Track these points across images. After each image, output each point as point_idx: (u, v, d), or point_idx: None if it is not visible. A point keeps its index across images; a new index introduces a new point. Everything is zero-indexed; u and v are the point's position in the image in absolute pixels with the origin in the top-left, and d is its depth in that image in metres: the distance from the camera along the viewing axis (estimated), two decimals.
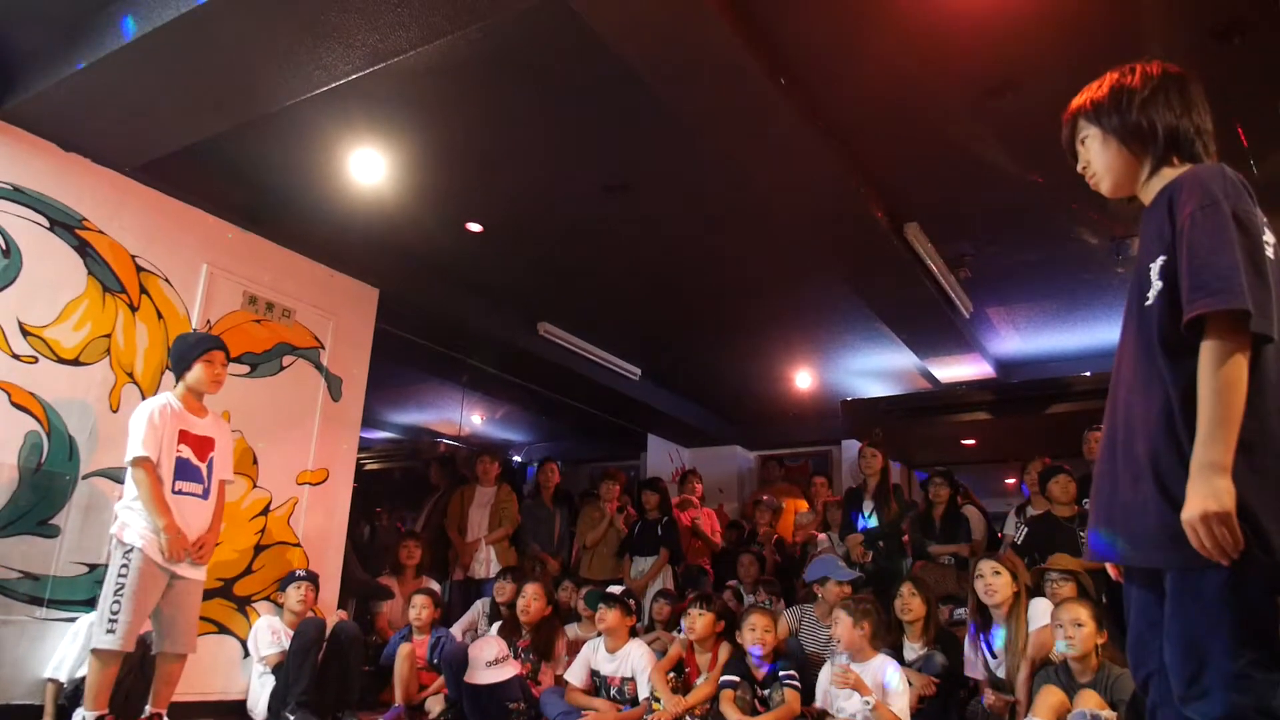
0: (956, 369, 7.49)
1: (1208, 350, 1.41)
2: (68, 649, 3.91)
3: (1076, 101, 1.76)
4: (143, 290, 4.59)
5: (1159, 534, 1.44)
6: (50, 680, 3.89)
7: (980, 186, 4.82)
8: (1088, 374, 7.07)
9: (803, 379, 8.28)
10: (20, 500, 4.00)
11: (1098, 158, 1.72)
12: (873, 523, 5.77)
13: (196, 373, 3.75)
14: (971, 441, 9.00)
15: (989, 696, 3.77)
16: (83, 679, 3.52)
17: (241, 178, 4.99)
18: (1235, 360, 1.39)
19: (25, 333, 4.13)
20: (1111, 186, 1.72)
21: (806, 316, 6.95)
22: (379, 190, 5.02)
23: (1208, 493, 1.36)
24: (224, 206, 4.99)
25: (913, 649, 4.17)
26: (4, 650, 3.87)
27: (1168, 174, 1.61)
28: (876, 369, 8.05)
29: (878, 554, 5.60)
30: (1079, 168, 1.78)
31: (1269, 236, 1.49)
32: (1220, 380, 1.39)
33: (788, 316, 6.97)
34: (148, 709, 3.54)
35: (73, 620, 4.00)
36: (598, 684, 4.36)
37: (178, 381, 3.82)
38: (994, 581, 3.89)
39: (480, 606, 5.62)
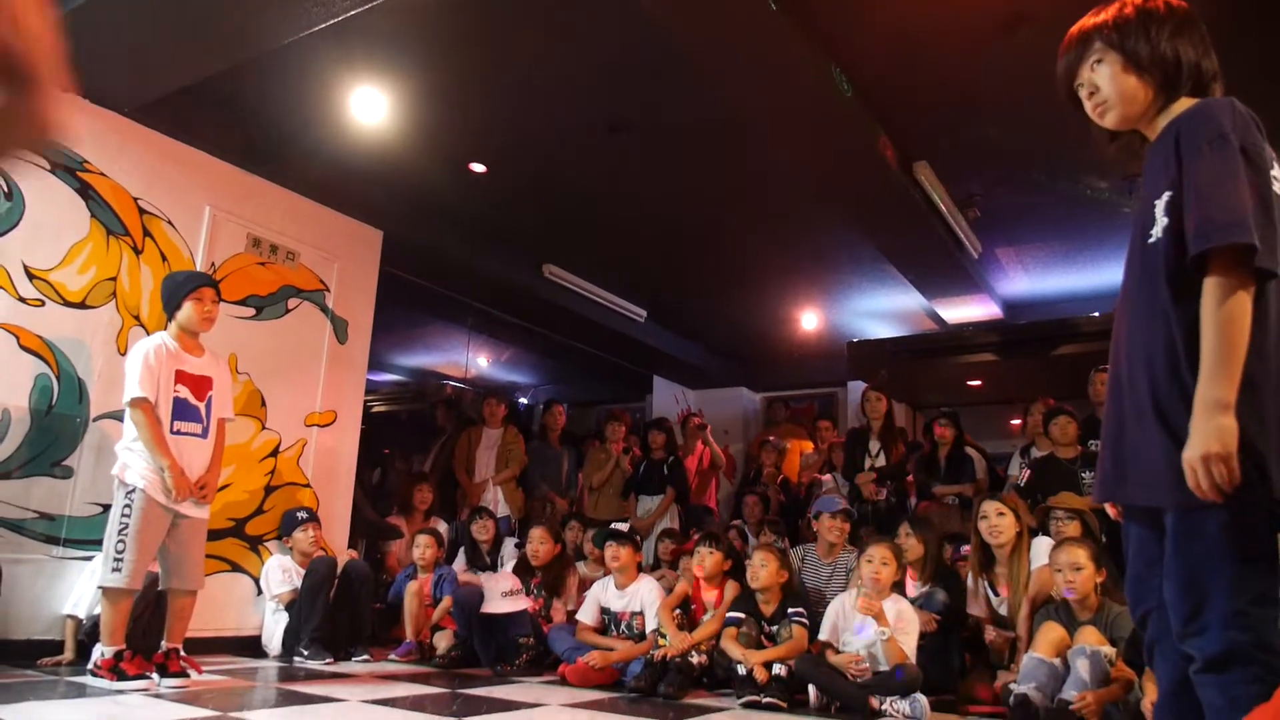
0: (964, 310, 7.46)
1: (1212, 286, 1.39)
2: (85, 586, 3.99)
3: (1091, 21, 1.65)
4: (146, 233, 4.57)
5: (1162, 472, 1.45)
6: (69, 616, 3.99)
7: (991, 125, 4.75)
8: (1096, 314, 7.04)
9: (809, 320, 8.27)
10: (34, 442, 4.05)
11: (1111, 84, 1.61)
12: (880, 463, 5.81)
13: (186, 311, 3.71)
14: (977, 383, 9.01)
15: (990, 633, 3.84)
16: (100, 615, 3.60)
17: (242, 118, 4.93)
18: (1239, 297, 1.38)
19: (31, 276, 4.13)
20: (1120, 118, 1.63)
21: (813, 257, 6.91)
22: (381, 130, 4.96)
23: (1210, 431, 1.35)
24: (225, 148, 4.94)
25: (915, 586, 4.23)
26: (23, 587, 3.95)
27: (1175, 110, 1.57)
28: (883, 310, 8.03)
29: (890, 492, 5.65)
30: (1084, 94, 1.66)
31: (1276, 170, 1.46)
32: (1224, 316, 1.38)
33: (794, 258, 6.93)
34: (164, 644, 3.62)
35: (89, 559, 4.08)
36: (608, 620, 4.46)
37: (169, 321, 3.78)
38: (998, 522, 3.93)
39: (509, 545, 5.73)
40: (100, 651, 3.48)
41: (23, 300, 4.09)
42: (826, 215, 5.99)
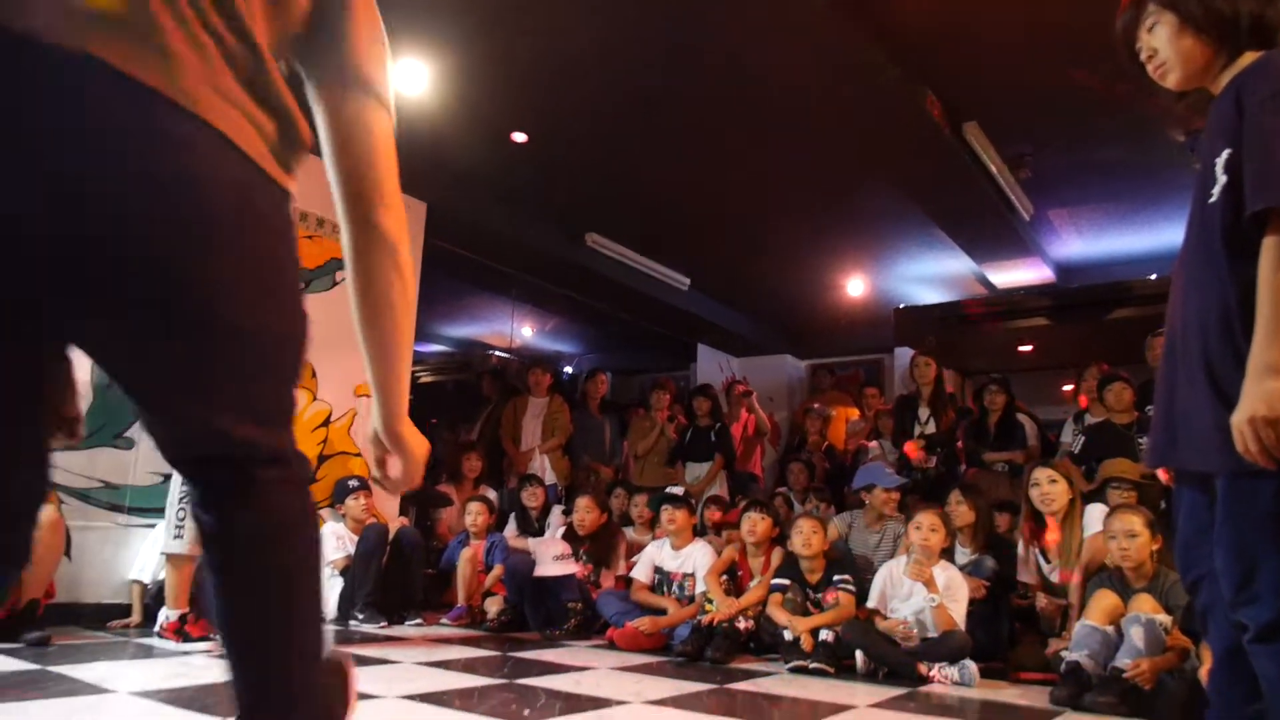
0: (1015, 274, 7.33)
1: (1270, 246, 1.35)
2: (149, 552, 4.14)
3: None
4: None
5: (1212, 437, 1.42)
6: (135, 581, 4.15)
7: (1043, 83, 4.61)
8: (1152, 277, 6.86)
9: (855, 286, 8.17)
10: (97, 415, 4.18)
11: (1169, 46, 1.57)
12: (930, 430, 5.74)
13: None
14: (1028, 348, 8.86)
15: (1041, 600, 3.80)
16: (164, 580, 3.73)
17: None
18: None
19: None
20: (1181, 78, 1.58)
21: (860, 222, 6.81)
22: (423, 102, 4.97)
23: (1260, 396, 1.32)
24: None
25: (964, 553, 4.20)
26: (91, 554, 4.12)
27: (1241, 64, 1.51)
28: (931, 275, 7.90)
29: (939, 459, 5.59)
30: (1143, 57, 1.63)
31: None
32: (1272, 276, 1.33)
33: (840, 223, 6.84)
34: None
35: (151, 526, 4.22)
36: (660, 580, 4.53)
37: None
38: (1050, 490, 3.87)
39: (557, 512, 5.80)
40: (165, 615, 3.61)
41: None
42: (873, 179, 5.89)
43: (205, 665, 3.10)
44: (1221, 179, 1.43)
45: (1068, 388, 8.63)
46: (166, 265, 0.93)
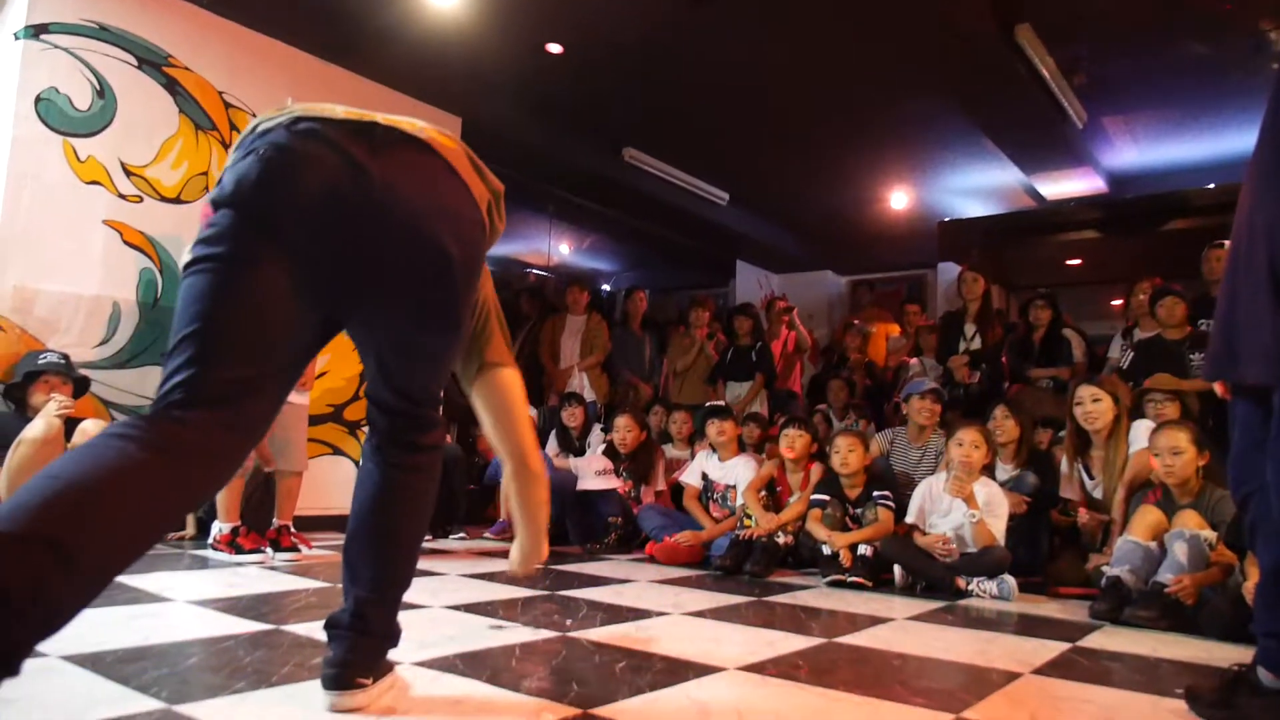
0: (1065, 185, 7.09)
1: None
2: None
3: None
4: (232, 126, 4.64)
5: (1271, 349, 1.36)
6: None
7: None
8: (1210, 187, 6.59)
9: (898, 199, 7.98)
10: (143, 334, 4.26)
11: None
12: (975, 346, 5.65)
13: None
14: (1077, 262, 8.65)
15: (1083, 515, 3.78)
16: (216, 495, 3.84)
17: (319, 6, 4.89)
18: None
19: (128, 173, 4.26)
20: None
21: (904, 132, 6.60)
22: (456, 13, 4.86)
23: None
24: (303, 38, 4.92)
25: (1005, 470, 4.17)
26: None
27: None
28: (977, 187, 7.68)
29: (983, 376, 5.52)
30: None
31: None
32: None
33: (883, 133, 6.63)
34: (275, 521, 3.87)
35: None
36: (705, 488, 4.64)
37: None
38: (1093, 409, 3.80)
39: (597, 430, 5.85)
40: (218, 528, 3.73)
41: (123, 197, 4.23)
42: (918, 86, 5.68)
43: (257, 576, 3.21)
44: None
45: (1117, 303, 8.43)
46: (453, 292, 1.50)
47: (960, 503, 3.56)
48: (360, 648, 1.55)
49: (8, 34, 4.02)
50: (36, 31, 3.99)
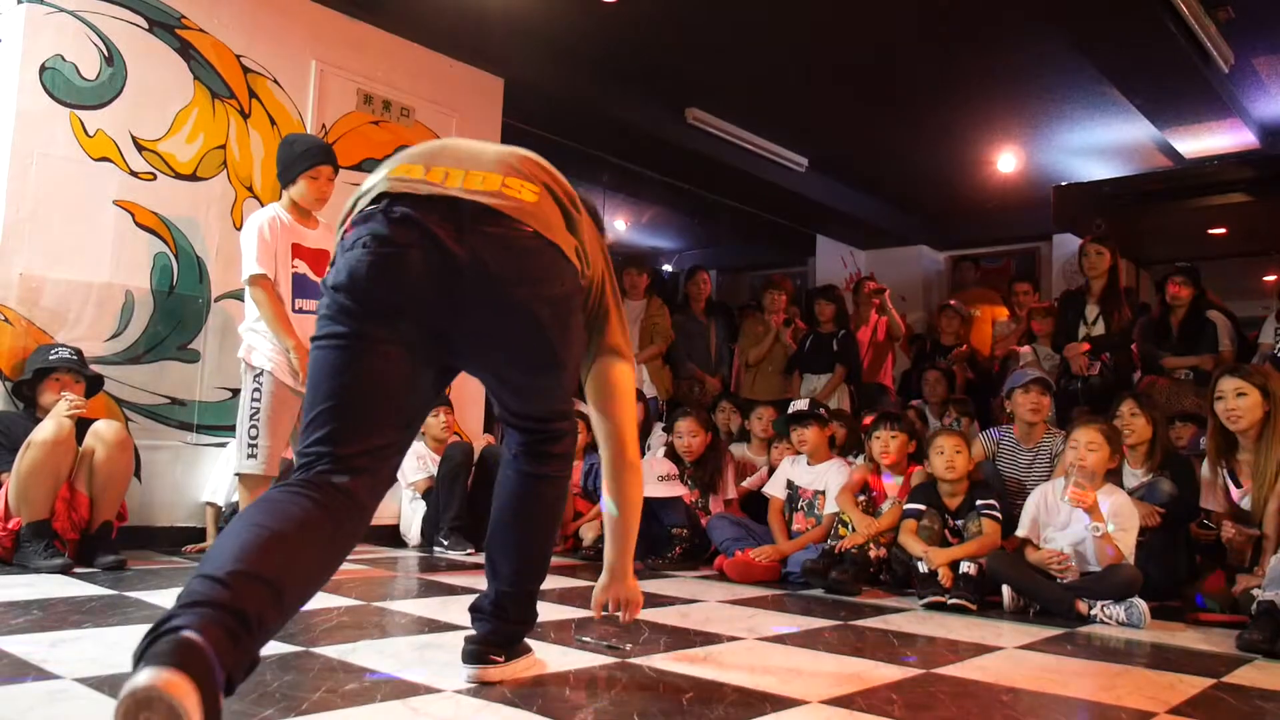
0: (1207, 140, 6.88)
1: None
2: (221, 473, 4.40)
3: None
4: (252, 94, 4.75)
5: None
6: (208, 504, 4.42)
7: None
8: None
9: (1005, 162, 7.82)
10: (158, 325, 4.40)
11: None
12: (1098, 331, 5.51)
13: (300, 188, 3.81)
14: (1221, 231, 8.38)
15: (1228, 530, 3.67)
16: (238, 502, 3.96)
17: None
18: None
19: (140, 148, 4.40)
20: None
21: (1012, 82, 6.46)
22: None
23: None
24: None
25: (1134, 475, 4.07)
26: (162, 475, 4.40)
27: None
28: (1100, 145, 7.49)
29: (1105, 366, 5.39)
30: None
31: None
32: None
33: (988, 84, 6.50)
34: None
35: (223, 445, 4.47)
36: (791, 495, 4.64)
37: (283, 192, 3.89)
38: (1237, 404, 3.68)
39: (657, 430, 5.86)
40: None
41: (134, 174, 4.38)
42: (1028, 28, 5.55)
43: None
44: None
45: (1270, 278, 8.16)
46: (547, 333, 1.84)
47: (1081, 514, 3.49)
48: (498, 630, 2.06)
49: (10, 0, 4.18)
50: None
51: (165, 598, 3.00)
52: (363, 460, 1.66)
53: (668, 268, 11.69)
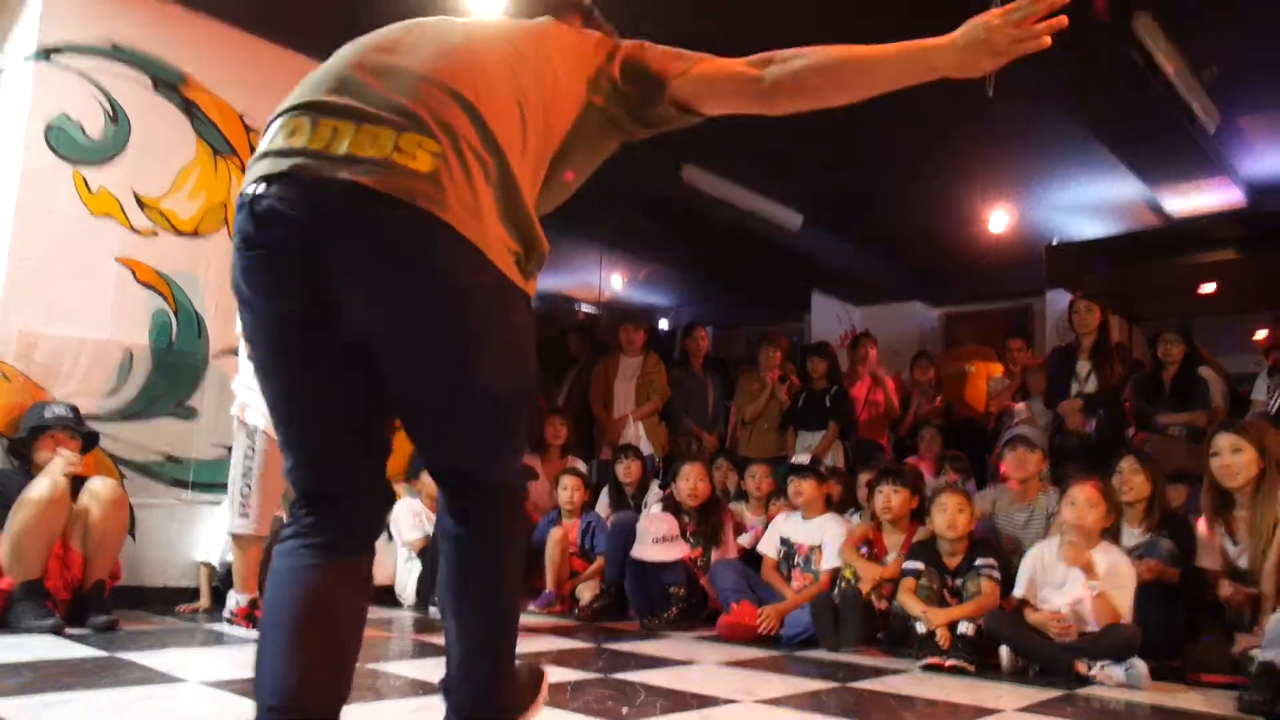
0: (1196, 198, 6.97)
1: None
2: (215, 532, 4.37)
3: None
4: (253, 151, 4.81)
5: None
6: (202, 563, 4.39)
7: None
8: None
9: (998, 220, 7.90)
10: (156, 382, 4.41)
11: None
12: (1090, 387, 5.54)
13: None
14: (1212, 287, 8.45)
15: (1226, 588, 3.66)
16: (231, 562, 3.93)
17: (348, 18, 5.05)
18: None
19: (142, 205, 4.44)
20: None
21: (1003, 141, 6.55)
22: (498, 13, 4.98)
23: None
24: (328, 51, 5.09)
25: (1132, 534, 4.06)
26: (156, 533, 4.37)
27: None
28: (1091, 203, 7.57)
29: (1100, 423, 5.40)
30: None
31: None
32: None
33: (980, 143, 6.59)
34: None
35: (217, 504, 4.45)
36: (786, 552, 4.61)
37: None
38: (1233, 461, 3.69)
39: (655, 488, 5.83)
40: (235, 599, 3.81)
41: (136, 231, 4.42)
42: (1021, 87, 5.64)
43: None
44: None
45: (1262, 335, 8.20)
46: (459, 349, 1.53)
47: (1078, 573, 3.48)
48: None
49: (18, 57, 4.25)
50: (48, 53, 4.21)
51: (157, 659, 2.97)
52: (333, 485, 1.58)
53: (665, 324, 11.73)
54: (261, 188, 1.46)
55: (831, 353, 6.80)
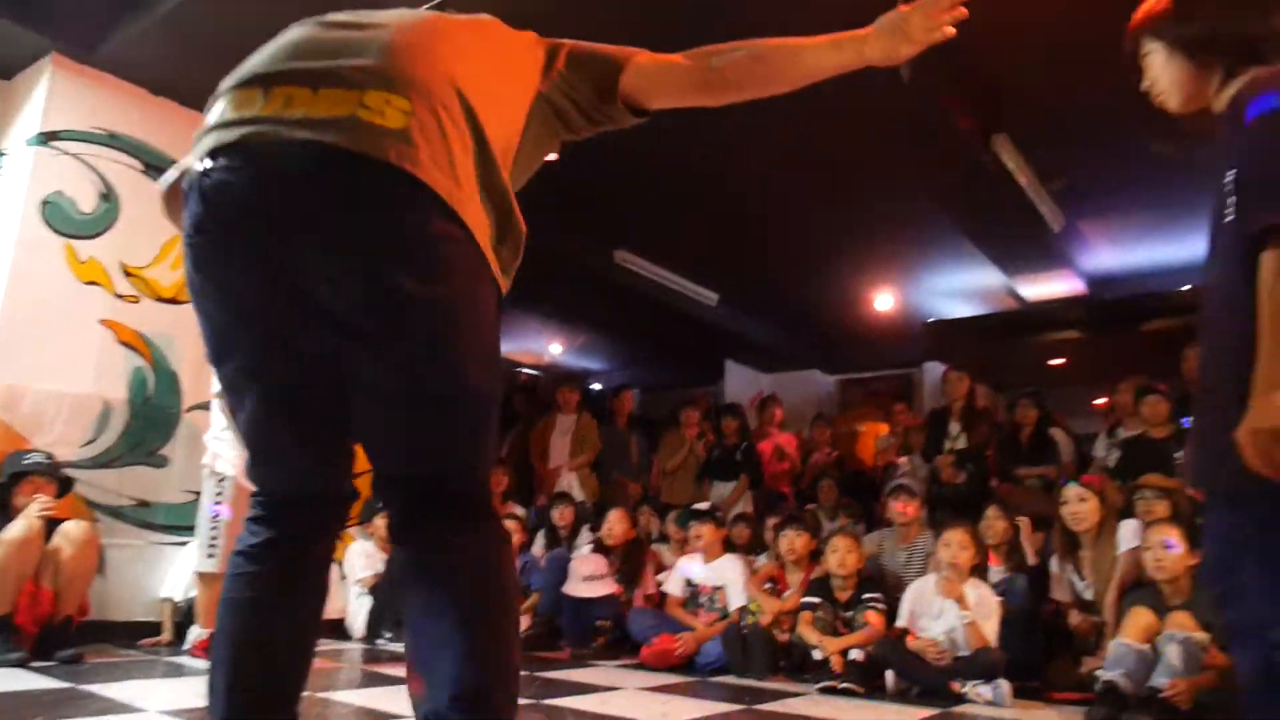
0: (1046, 286, 7.23)
1: (1268, 261, 1.32)
2: (180, 571, 4.18)
3: (1136, 17, 1.65)
4: None
5: (1230, 456, 1.39)
6: (166, 599, 4.19)
7: (1074, 93, 4.56)
8: (1187, 288, 6.73)
9: (884, 301, 8.11)
10: (132, 433, 4.25)
11: (1163, 74, 1.61)
12: (961, 444, 5.67)
13: None
14: (1060, 361, 8.73)
15: (1075, 617, 3.73)
16: (194, 598, 3.77)
17: None
18: None
19: (127, 274, 4.33)
20: (1181, 102, 1.60)
21: (889, 235, 6.76)
22: None
23: (1262, 409, 1.30)
24: None
25: (996, 572, 4.13)
26: (123, 571, 4.17)
27: (1238, 82, 1.50)
28: (962, 288, 7.82)
29: (969, 475, 5.52)
30: (1144, 86, 1.66)
31: None
32: (1271, 294, 1.30)
33: (869, 235, 6.79)
34: None
35: (183, 544, 4.27)
36: (691, 593, 4.55)
37: None
38: (1079, 508, 3.80)
39: (586, 531, 5.76)
40: (196, 633, 3.64)
41: (120, 297, 4.29)
42: (902, 190, 5.84)
43: None
44: (1231, 199, 1.42)
45: (1101, 401, 8.50)
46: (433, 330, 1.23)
47: (951, 604, 3.52)
48: None
49: (20, 140, 4.15)
50: (48, 138, 4.12)
51: (119, 690, 2.82)
52: (299, 488, 1.41)
53: (597, 386, 11.71)
54: (209, 163, 1.18)
55: (742, 413, 6.85)
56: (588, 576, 4.65)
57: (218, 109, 1.25)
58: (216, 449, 3.66)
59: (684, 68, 1.54)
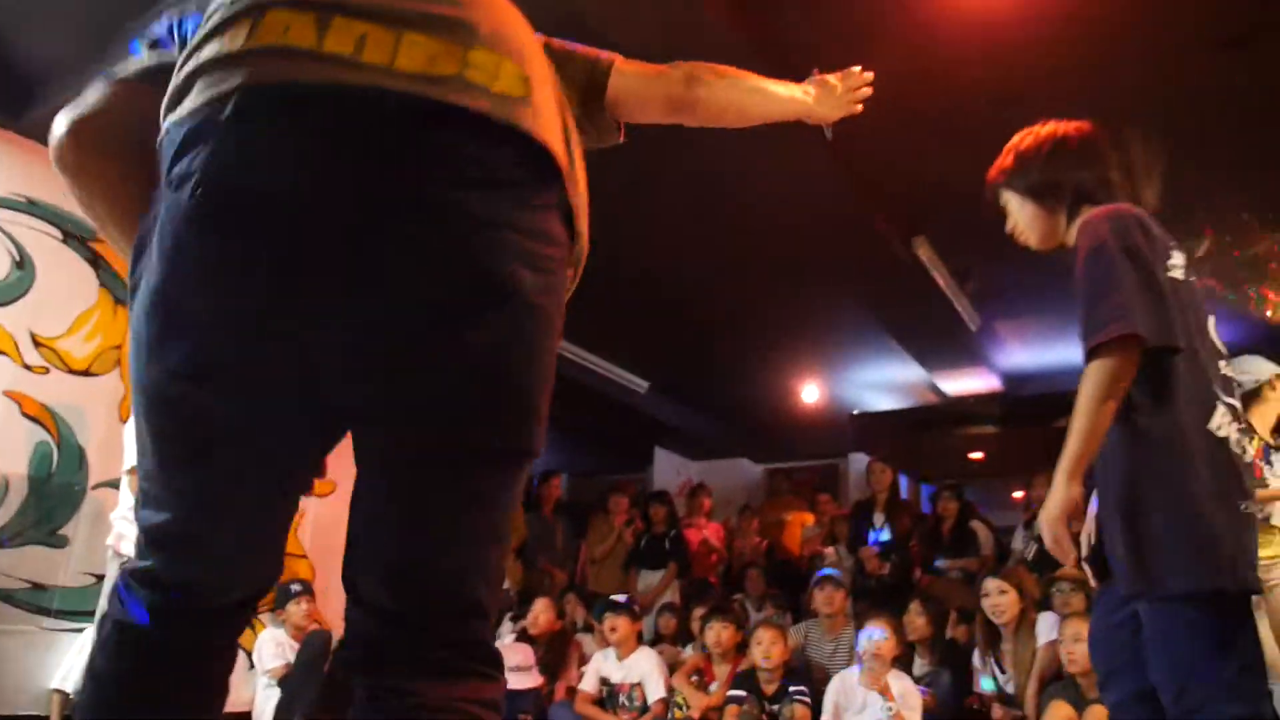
0: (964, 382, 7.46)
1: (1087, 375, 1.56)
2: (75, 659, 3.91)
3: (990, 172, 1.91)
4: None
5: (1125, 561, 1.54)
6: (56, 691, 3.90)
7: (988, 200, 4.80)
8: None
9: (810, 392, 8.26)
10: (30, 510, 4.02)
11: (1019, 215, 1.87)
12: (885, 536, 5.74)
13: None
14: (979, 455, 8.95)
15: (997, 711, 3.74)
16: None
17: None
18: (1099, 380, 1.53)
19: (37, 344, 4.16)
20: (1038, 240, 1.87)
21: (816, 329, 6.92)
22: None
23: (1050, 500, 1.52)
24: None
25: (921, 665, 4.14)
26: (10, 660, 3.88)
27: (1079, 221, 1.72)
28: (885, 382, 8.01)
29: (893, 566, 5.57)
30: (1007, 228, 1.93)
31: (1175, 259, 1.62)
32: (1083, 397, 1.54)
33: (796, 330, 6.94)
34: None
35: (80, 631, 4.01)
36: (608, 691, 4.39)
37: None
38: (1000, 601, 3.86)
39: (507, 621, 5.59)
40: None
41: (27, 367, 4.11)
42: (828, 288, 6.02)
43: None
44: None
45: (1018, 494, 8.72)
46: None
47: (876, 696, 3.50)
48: None
49: None
50: None
51: None
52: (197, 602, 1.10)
53: None
54: (237, 104, 0.81)
55: (671, 501, 6.84)
56: (511, 667, 4.49)
57: (228, 35, 0.88)
58: (122, 529, 3.48)
59: (668, 80, 1.36)
